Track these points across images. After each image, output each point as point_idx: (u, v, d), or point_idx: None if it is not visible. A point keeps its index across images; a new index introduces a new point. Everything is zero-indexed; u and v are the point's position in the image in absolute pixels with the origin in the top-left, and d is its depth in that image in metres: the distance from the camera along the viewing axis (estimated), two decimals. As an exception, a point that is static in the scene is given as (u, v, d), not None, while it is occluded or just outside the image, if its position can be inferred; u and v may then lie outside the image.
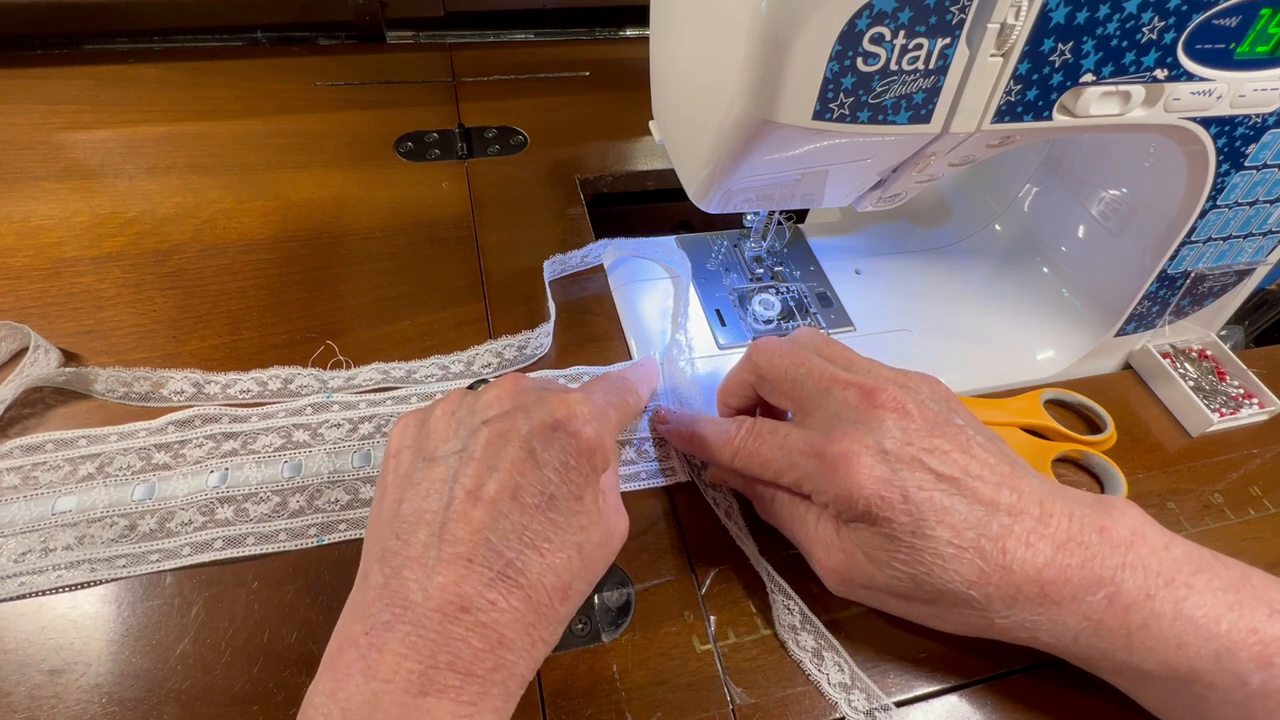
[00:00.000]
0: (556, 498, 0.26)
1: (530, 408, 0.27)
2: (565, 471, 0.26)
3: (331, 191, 0.49)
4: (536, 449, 0.26)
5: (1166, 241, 0.38)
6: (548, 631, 0.25)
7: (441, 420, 0.28)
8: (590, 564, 0.27)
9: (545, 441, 0.26)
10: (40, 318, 0.40)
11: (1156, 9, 0.26)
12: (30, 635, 0.29)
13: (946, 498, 0.27)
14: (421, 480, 0.26)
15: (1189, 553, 0.27)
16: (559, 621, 0.26)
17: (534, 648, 0.25)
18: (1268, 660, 0.25)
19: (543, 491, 0.25)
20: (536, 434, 0.26)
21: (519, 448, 0.26)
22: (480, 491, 0.25)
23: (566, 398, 0.27)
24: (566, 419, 0.27)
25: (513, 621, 0.24)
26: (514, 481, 0.25)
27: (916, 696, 0.30)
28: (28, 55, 0.59)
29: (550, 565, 0.25)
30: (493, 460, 0.26)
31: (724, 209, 0.37)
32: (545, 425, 0.26)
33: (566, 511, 0.26)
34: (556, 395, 0.28)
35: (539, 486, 0.25)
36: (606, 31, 0.73)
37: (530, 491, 0.25)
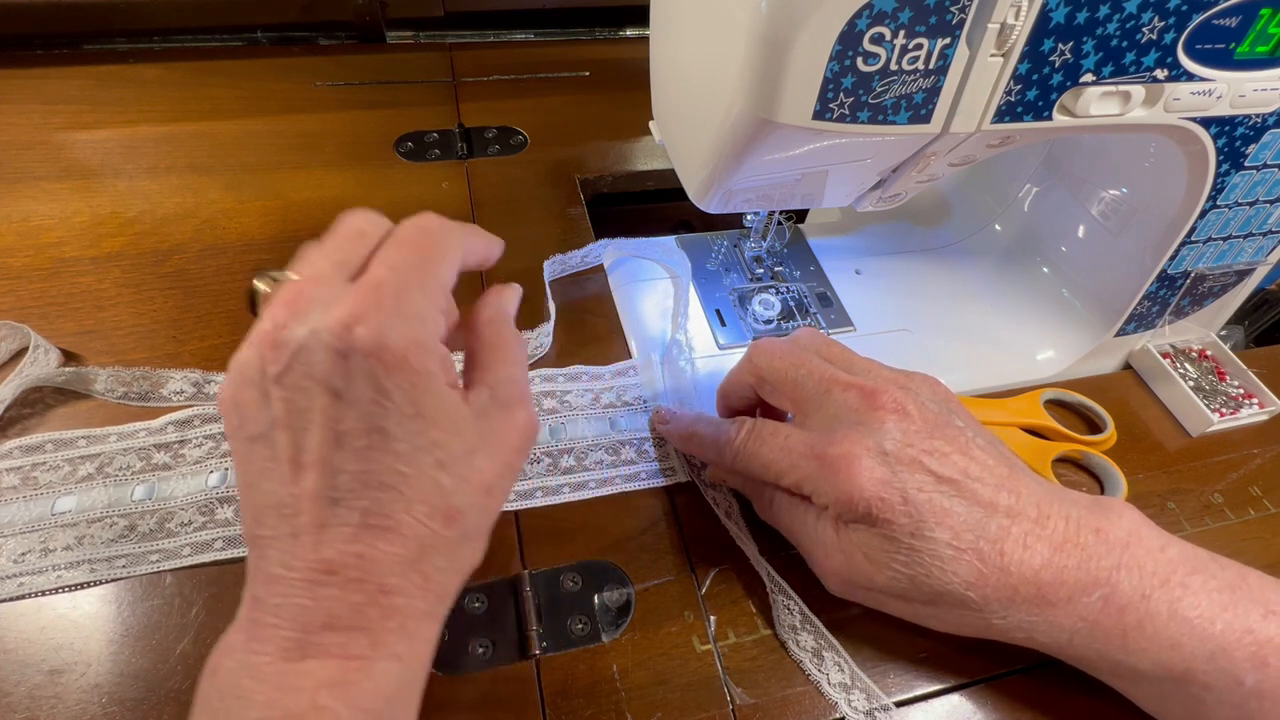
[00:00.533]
0: (386, 428, 0.22)
1: (310, 341, 0.22)
2: (383, 396, 0.22)
3: (331, 191, 0.49)
4: (339, 388, 0.21)
5: (1166, 241, 0.38)
6: (442, 560, 0.23)
7: (245, 388, 0.23)
8: (471, 474, 0.23)
9: (345, 376, 0.21)
10: (40, 318, 0.40)
11: (1156, 9, 0.26)
12: (30, 635, 0.29)
13: (946, 499, 0.27)
14: (254, 461, 0.23)
15: (1185, 553, 0.27)
16: (454, 547, 0.23)
17: (428, 581, 0.23)
18: (1263, 660, 0.25)
19: (368, 428, 0.22)
20: (332, 373, 0.21)
21: (320, 394, 0.22)
22: (302, 457, 0.22)
23: (342, 313, 0.22)
24: (353, 339, 0.21)
25: (390, 567, 0.22)
26: (331, 432, 0.22)
27: (916, 696, 0.30)
28: (28, 55, 0.59)
29: (414, 497, 0.22)
30: (301, 420, 0.22)
31: (724, 209, 0.37)
32: (335, 357, 0.21)
33: (406, 436, 0.22)
34: (333, 312, 0.22)
35: (360, 424, 0.22)
36: (606, 31, 0.73)
37: (354, 434, 0.22)
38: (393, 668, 0.22)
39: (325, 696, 0.20)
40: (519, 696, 0.29)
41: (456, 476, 0.23)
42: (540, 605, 0.31)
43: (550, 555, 0.33)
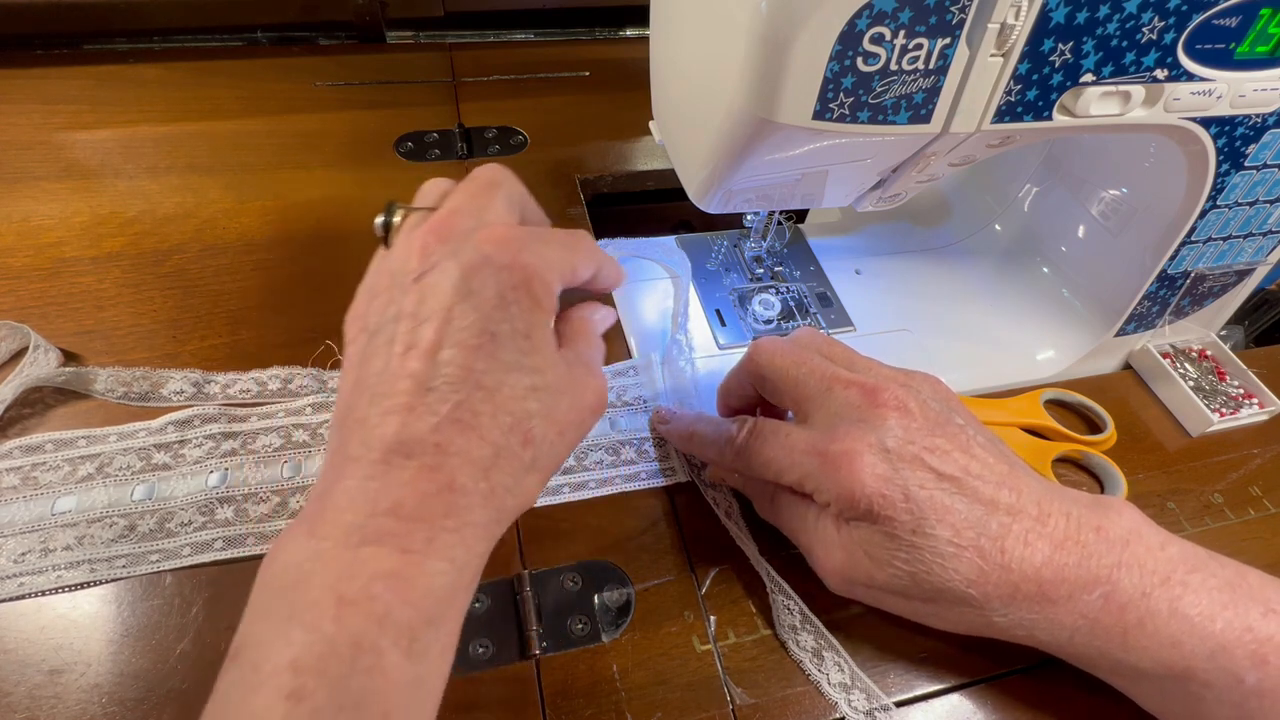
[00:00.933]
0: (499, 335, 0.24)
1: (458, 249, 0.24)
2: (503, 305, 0.24)
3: (331, 191, 0.49)
4: (468, 289, 0.24)
5: (1166, 241, 0.38)
6: (509, 478, 0.23)
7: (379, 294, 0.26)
8: (553, 411, 0.25)
9: (477, 279, 0.24)
10: (40, 318, 0.40)
11: (1156, 9, 0.26)
12: (30, 635, 0.29)
13: (947, 497, 0.27)
14: (368, 354, 0.24)
15: (1184, 552, 0.27)
16: (522, 469, 0.24)
17: (493, 495, 0.23)
18: (1263, 659, 0.25)
19: (482, 329, 0.23)
20: (466, 273, 0.24)
21: (449, 292, 0.24)
22: (416, 344, 0.23)
23: (496, 230, 0.25)
24: (495, 252, 0.24)
25: (463, 464, 0.22)
26: (449, 326, 0.23)
27: (916, 696, 0.30)
28: (28, 55, 0.59)
29: (503, 405, 0.23)
30: (425, 312, 0.24)
31: (724, 209, 0.37)
32: (474, 262, 0.24)
33: (514, 350, 0.24)
34: (483, 229, 0.25)
35: (477, 325, 0.23)
36: (606, 31, 0.73)
37: (468, 331, 0.23)
38: (445, 571, 0.22)
39: (379, 586, 0.20)
40: (519, 696, 0.29)
41: (542, 406, 0.24)
42: (540, 605, 0.31)
43: (550, 555, 0.33)
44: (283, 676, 0.19)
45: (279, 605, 0.21)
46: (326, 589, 0.20)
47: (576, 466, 0.36)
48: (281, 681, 0.19)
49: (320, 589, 0.20)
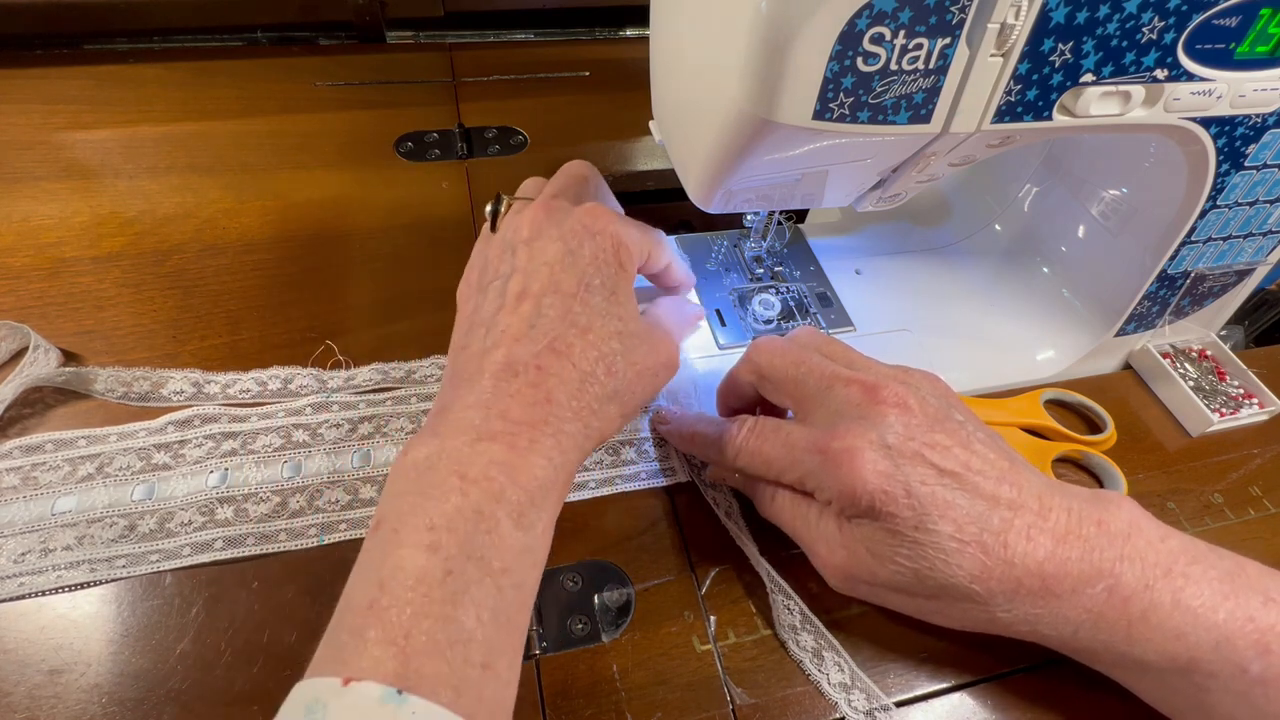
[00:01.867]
0: (592, 287, 0.30)
1: (562, 220, 0.31)
2: (596, 265, 0.30)
3: (331, 191, 0.49)
4: (570, 248, 0.30)
5: (1166, 241, 0.38)
6: (595, 401, 0.28)
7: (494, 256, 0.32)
8: (632, 353, 0.30)
9: (576, 242, 0.30)
10: (40, 318, 0.40)
11: (1156, 9, 0.26)
12: (30, 635, 0.29)
13: (948, 492, 0.27)
14: (483, 302, 0.30)
15: (1184, 544, 0.27)
16: (606, 396, 0.29)
17: (581, 412, 0.28)
18: (1265, 647, 0.25)
19: (580, 280, 0.29)
20: (568, 238, 0.30)
21: (556, 251, 0.30)
22: (525, 292, 0.29)
23: (593, 208, 0.31)
24: (591, 223, 0.31)
25: (559, 384, 0.27)
26: (553, 277, 0.29)
27: (917, 696, 0.30)
28: (28, 55, 0.59)
29: (591, 342, 0.29)
30: (534, 267, 0.30)
31: (724, 209, 0.37)
32: (575, 231, 0.30)
33: (603, 300, 0.30)
34: (583, 208, 0.31)
35: (576, 276, 0.29)
36: (606, 31, 0.73)
37: (568, 281, 0.29)
38: (544, 466, 0.26)
39: (494, 470, 0.25)
40: (519, 696, 0.29)
41: (623, 347, 0.30)
42: (540, 605, 0.31)
43: (550, 555, 0.33)
44: (420, 534, 0.23)
45: (412, 486, 0.25)
46: (451, 472, 0.25)
47: (576, 466, 0.36)
48: (420, 538, 0.23)
49: (446, 472, 0.25)
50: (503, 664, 0.23)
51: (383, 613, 0.22)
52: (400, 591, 0.22)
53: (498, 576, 0.24)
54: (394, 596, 0.22)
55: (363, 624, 0.22)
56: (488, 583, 0.23)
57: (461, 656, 0.22)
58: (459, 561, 0.23)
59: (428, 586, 0.22)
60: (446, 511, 0.24)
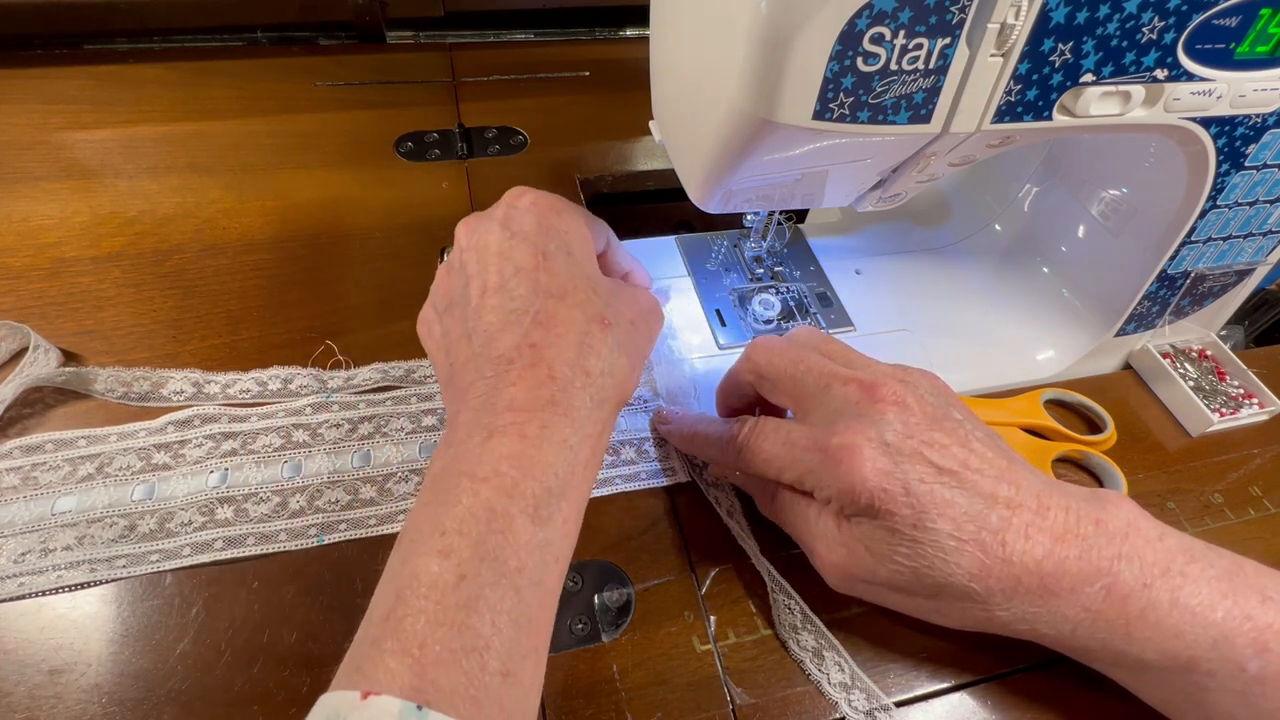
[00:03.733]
0: (549, 253, 0.29)
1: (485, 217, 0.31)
2: (544, 230, 0.30)
3: (331, 191, 0.49)
4: (509, 232, 0.30)
5: (1166, 241, 0.38)
6: (600, 360, 0.28)
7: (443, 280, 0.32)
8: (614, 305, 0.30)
9: (514, 222, 0.30)
10: (40, 318, 0.40)
11: (1156, 9, 0.26)
12: (30, 635, 0.29)
13: (947, 491, 0.27)
14: (450, 325, 0.30)
15: (1182, 543, 0.27)
16: (610, 351, 0.28)
17: (590, 379, 0.27)
18: (1264, 646, 0.25)
19: (534, 252, 0.29)
20: (503, 223, 0.30)
21: (496, 240, 0.30)
22: (486, 287, 0.29)
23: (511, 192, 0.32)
24: (516, 199, 0.31)
25: (557, 355, 0.27)
26: (507, 263, 0.29)
27: (917, 696, 0.30)
28: (28, 55, 0.59)
29: (574, 303, 0.28)
30: (484, 264, 0.29)
31: (724, 209, 0.37)
32: (505, 214, 0.31)
33: (566, 261, 0.29)
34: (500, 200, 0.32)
35: (528, 250, 0.29)
36: (606, 31, 0.73)
37: (523, 258, 0.29)
38: (560, 450, 0.26)
39: (505, 465, 0.25)
40: (519, 696, 0.29)
41: (604, 301, 0.29)
42: (540, 605, 0.31)
43: (550, 555, 0.33)
44: (434, 540, 0.23)
45: (429, 498, 0.25)
46: (462, 474, 0.24)
47: (576, 466, 0.36)
48: (433, 544, 0.23)
49: (457, 475, 0.24)
50: (525, 669, 0.23)
51: (398, 623, 0.21)
52: (414, 600, 0.22)
53: (514, 576, 0.23)
54: (408, 605, 0.22)
55: (380, 634, 0.22)
56: (504, 584, 0.23)
57: (479, 665, 0.21)
58: (472, 565, 0.23)
59: (440, 593, 0.22)
60: (457, 514, 0.23)
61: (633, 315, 0.30)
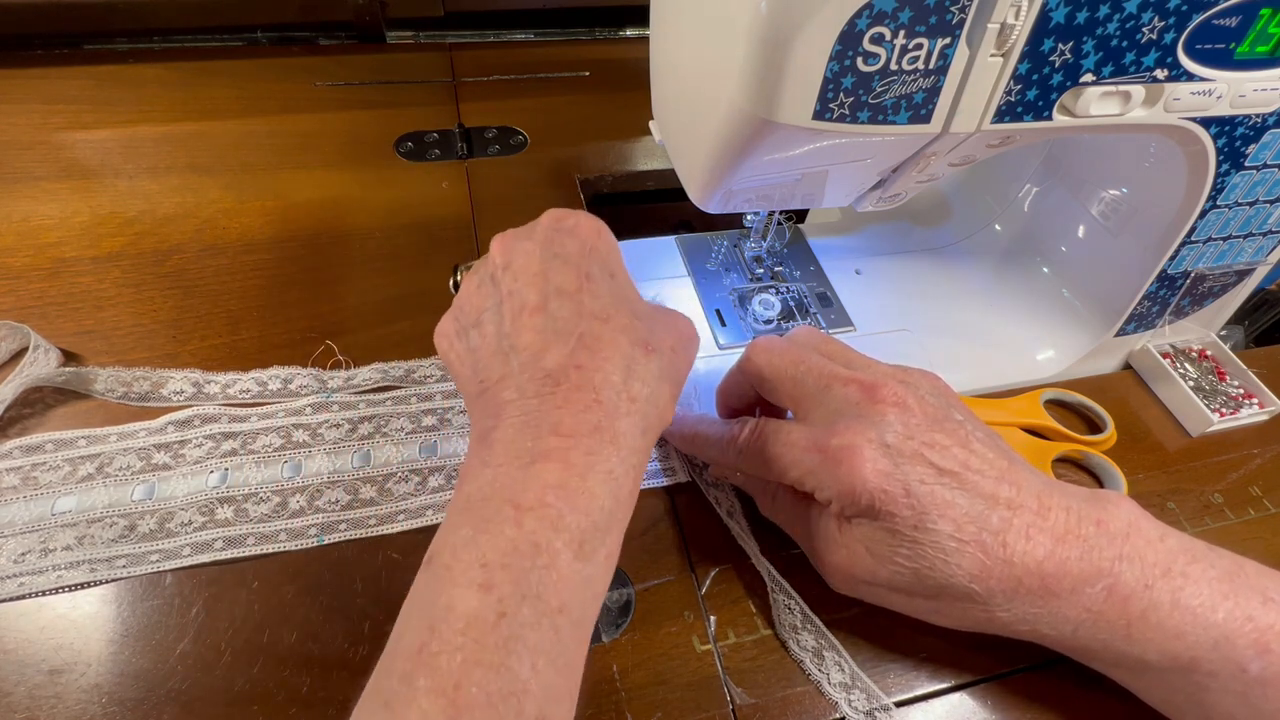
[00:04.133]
0: (593, 275, 0.28)
1: (524, 236, 0.30)
2: (588, 253, 0.29)
3: (331, 191, 0.49)
4: (554, 252, 0.28)
5: (1166, 241, 0.38)
6: (644, 386, 0.27)
7: (472, 295, 0.30)
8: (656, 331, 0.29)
9: (557, 243, 0.29)
10: (40, 318, 0.40)
11: (1156, 9, 0.26)
12: (30, 635, 0.29)
13: (948, 491, 0.27)
14: (479, 341, 0.28)
15: (1183, 543, 0.27)
16: (654, 378, 0.27)
17: (635, 404, 0.26)
18: (1265, 647, 0.25)
19: (578, 274, 0.28)
20: (545, 244, 0.29)
21: (537, 261, 0.28)
22: (525, 307, 0.27)
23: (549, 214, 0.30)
24: (558, 221, 0.30)
25: (604, 380, 0.26)
26: (549, 283, 0.28)
27: (917, 696, 0.30)
28: (28, 55, 0.59)
29: (618, 328, 0.27)
30: (522, 283, 0.28)
31: (724, 209, 0.37)
32: (546, 235, 0.29)
33: (608, 285, 0.28)
34: (540, 220, 0.30)
35: (572, 272, 0.28)
36: (606, 31, 0.73)
37: (566, 280, 0.28)
38: (605, 482, 0.24)
39: (551, 495, 0.23)
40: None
41: (646, 326, 0.28)
42: (540, 605, 0.31)
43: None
44: (473, 571, 0.22)
45: (465, 519, 0.23)
46: (505, 501, 0.23)
47: (576, 466, 0.36)
48: (473, 576, 0.22)
49: (500, 501, 0.23)
50: (559, 713, 0.22)
51: (432, 659, 0.20)
52: (451, 636, 0.21)
53: (555, 616, 0.22)
54: (444, 641, 0.21)
55: (411, 669, 0.21)
56: (544, 624, 0.22)
57: (515, 710, 0.20)
58: (513, 602, 0.21)
59: (480, 631, 0.21)
60: (500, 545, 0.22)
61: (673, 342, 0.29)
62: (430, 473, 0.35)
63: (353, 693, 0.28)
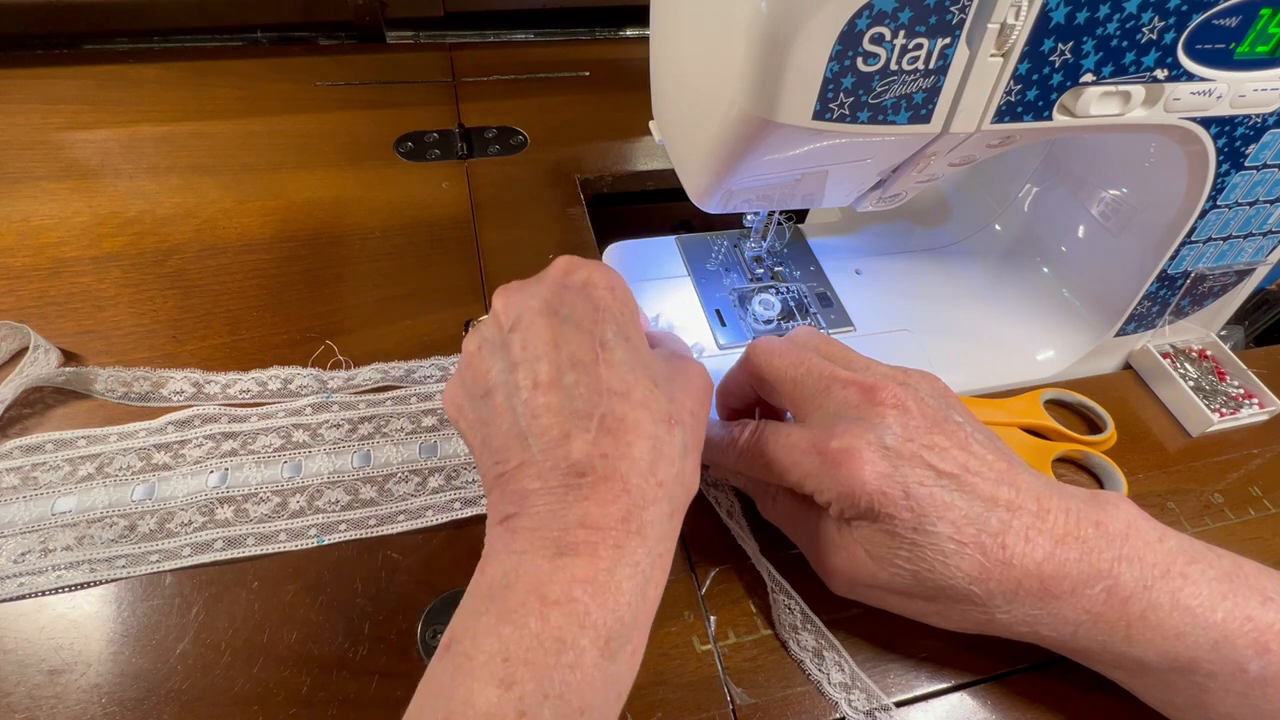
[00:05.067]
0: (607, 343, 0.26)
1: (532, 294, 0.28)
2: (599, 315, 0.27)
3: (331, 191, 0.49)
4: (563, 315, 0.27)
5: (1166, 241, 0.38)
6: (671, 467, 0.25)
7: (475, 359, 0.28)
8: (676, 396, 0.27)
9: (566, 304, 0.27)
10: (40, 318, 0.40)
11: (1156, 9, 0.26)
12: (30, 635, 0.29)
13: (947, 493, 0.27)
14: (490, 414, 0.26)
15: (1182, 544, 0.27)
16: (679, 455, 0.26)
17: (662, 488, 0.25)
18: (1264, 647, 0.25)
19: (592, 342, 0.26)
20: (552, 306, 0.27)
21: (546, 326, 0.26)
22: (539, 382, 0.25)
23: (557, 263, 0.29)
24: (567, 276, 0.28)
25: (631, 467, 0.24)
26: (562, 354, 0.26)
27: (916, 696, 0.30)
28: (28, 55, 0.59)
29: (639, 402, 0.25)
30: (533, 352, 0.26)
31: (724, 209, 0.37)
32: (553, 294, 0.27)
33: (624, 352, 0.26)
34: (547, 273, 0.29)
35: (586, 340, 0.26)
36: (606, 31, 0.73)
37: (581, 350, 0.26)
38: (632, 576, 0.23)
39: (579, 590, 0.22)
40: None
41: (666, 394, 0.27)
42: (540, 605, 0.31)
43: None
44: (495, 665, 0.21)
45: (488, 607, 0.23)
46: (530, 592, 0.22)
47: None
48: (494, 670, 0.21)
49: (525, 592, 0.22)
50: None
51: None
52: None
53: (576, 718, 0.21)
54: None
55: None
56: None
57: None
58: (534, 701, 0.21)
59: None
60: (524, 639, 0.21)
61: (693, 404, 0.28)
62: (430, 473, 0.35)
63: (353, 692, 0.28)
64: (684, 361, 0.30)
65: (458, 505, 0.34)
